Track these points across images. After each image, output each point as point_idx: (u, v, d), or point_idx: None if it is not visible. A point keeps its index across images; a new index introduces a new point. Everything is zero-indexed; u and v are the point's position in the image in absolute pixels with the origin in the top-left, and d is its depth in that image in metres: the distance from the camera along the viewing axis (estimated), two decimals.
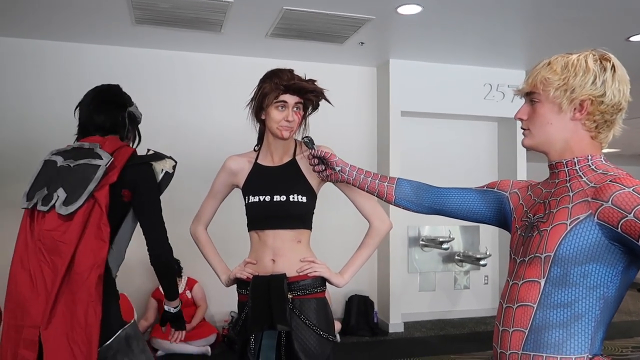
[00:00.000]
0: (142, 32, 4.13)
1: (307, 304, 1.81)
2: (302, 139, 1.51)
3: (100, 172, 1.67)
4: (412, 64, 4.99)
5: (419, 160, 5.21)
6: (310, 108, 1.91)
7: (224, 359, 3.89)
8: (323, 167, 1.50)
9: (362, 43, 4.46)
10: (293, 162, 1.87)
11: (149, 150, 1.89)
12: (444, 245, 5.23)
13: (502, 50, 4.60)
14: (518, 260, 1.20)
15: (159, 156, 1.87)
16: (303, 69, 2.11)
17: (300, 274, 1.82)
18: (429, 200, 1.46)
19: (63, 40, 4.25)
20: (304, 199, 1.81)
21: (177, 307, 1.93)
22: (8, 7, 3.65)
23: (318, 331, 1.79)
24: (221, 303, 4.58)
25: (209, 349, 4.17)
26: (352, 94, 5.15)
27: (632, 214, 0.99)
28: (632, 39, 4.25)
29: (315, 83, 1.88)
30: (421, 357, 4.12)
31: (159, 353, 4.11)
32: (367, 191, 1.50)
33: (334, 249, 2.86)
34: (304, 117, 1.90)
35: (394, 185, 1.49)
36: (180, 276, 4.35)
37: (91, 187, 1.65)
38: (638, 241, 0.99)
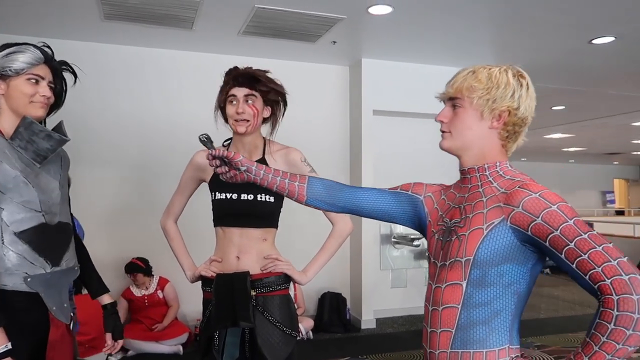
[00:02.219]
0: (111, 27, 4.06)
1: (271, 300, 1.83)
2: (199, 137, 1.40)
3: None
4: (384, 63, 5.05)
5: (392, 159, 5.28)
6: (279, 105, 1.92)
7: (195, 358, 3.86)
8: (227, 169, 1.39)
9: (334, 42, 4.49)
10: (262, 161, 1.89)
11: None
12: (415, 242, 5.32)
13: (471, 49, 4.70)
14: (439, 264, 1.26)
15: None
16: (276, 67, 2.13)
17: (264, 271, 1.84)
18: (343, 200, 1.45)
19: (31, 35, 4.14)
20: (272, 199, 1.85)
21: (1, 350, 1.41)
22: None
23: (281, 327, 1.81)
24: (193, 302, 4.51)
25: (180, 348, 4.14)
26: (324, 92, 5.18)
27: (540, 218, 1.09)
28: (594, 41, 4.41)
29: (269, 74, 1.88)
30: (393, 353, 4.18)
31: (130, 353, 4.06)
32: (276, 190, 1.43)
33: (299, 247, 2.89)
34: (274, 115, 1.91)
35: (305, 185, 1.43)
36: (151, 275, 4.31)
37: None
38: (546, 241, 1.09)
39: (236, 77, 1.84)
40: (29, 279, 1.47)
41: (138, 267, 4.20)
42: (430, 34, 4.31)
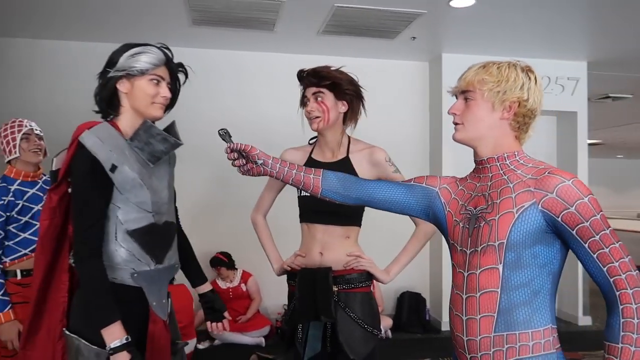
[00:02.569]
0: (198, 32, 4.28)
1: (353, 297, 1.86)
2: (218, 131, 1.45)
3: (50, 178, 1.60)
4: (466, 57, 4.85)
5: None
6: (355, 98, 1.92)
7: (277, 350, 3.99)
8: (244, 162, 1.43)
9: (414, 38, 4.41)
10: (346, 159, 1.92)
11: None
12: None
13: (561, 41, 4.43)
14: (468, 252, 1.28)
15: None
16: (354, 65, 2.14)
17: (347, 268, 1.87)
18: (357, 192, 1.47)
19: (124, 42, 4.46)
20: None
21: (113, 346, 1.41)
22: (76, 12, 3.89)
23: (363, 324, 1.83)
24: (275, 296, 4.68)
25: (262, 340, 4.29)
26: (404, 89, 5.12)
27: (573, 208, 1.15)
28: None
29: (335, 69, 1.90)
30: None
31: (216, 342, 4.27)
32: (291, 184, 1.48)
33: (381, 246, 2.87)
34: (352, 109, 1.92)
35: (320, 177, 1.47)
36: (235, 269, 4.50)
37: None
38: (573, 230, 1.16)
39: (303, 79, 1.91)
40: (135, 275, 1.53)
41: (221, 261, 4.42)
42: (514, 26, 4.11)
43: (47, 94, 4.53)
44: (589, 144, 5.29)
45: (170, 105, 1.67)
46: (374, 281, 1.96)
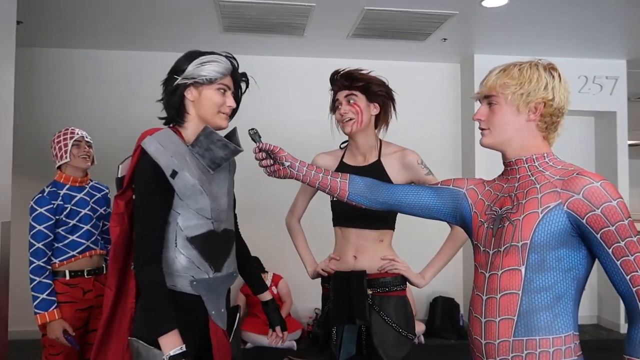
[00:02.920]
0: (229, 39, 4.35)
1: (387, 301, 1.85)
2: (248, 131, 1.45)
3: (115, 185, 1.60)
4: (499, 58, 4.71)
5: None
6: (386, 100, 1.91)
7: (308, 354, 3.99)
8: (271, 162, 1.43)
9: (444, 39, 4.37)
10: (378, 163, 1.91)
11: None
12: None
13: (599, 39, 4.30)
14: (491, 252, 1.26)
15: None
16: (384, 68, 2.13)
17: (381, 271, 1.85)
18: (384, 196, 1.45)
19: (159, 50, 4.57)
20: None
21: (176, 351, 1.39)
22: (115, 23, 4.01)
23: (397, 328, 1.82)
24: (306, 299, 4.69)
25: (294, 343, 4.30)
26: (435, 91, 5.07)
27: (599, 210, 1.12)
28: None
29: (365, 72, 1.90)
30: None
31: (248, 345, 4.30)
32: (318, 187, 1.46)
33: (415, 250, 2.85)
34: (384, 112, 1.92)
35: (347, 181, 1.47)
36: (265, 272, 4.53)
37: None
38: (597, 233, 1.12)
39: (335, 81, 1.91)
40: (194, 282, 1.50)
41: None
42: (549, 25, 4.01)
43: (86, 101, 4.69)
44: (630, 145, 5.11)
45: (231, 114, 1.65)
46: (408, 285, 1.94)
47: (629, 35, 4.28)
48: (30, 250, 2.31)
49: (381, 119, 1.95)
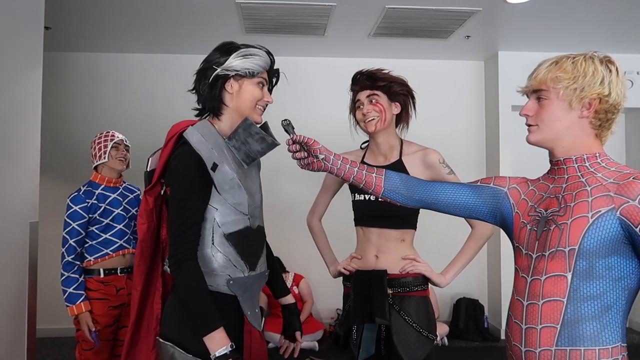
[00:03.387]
0: (251, 40, 4.34)
1: (407, 300, 1.84)
2: (281, 122, 1.40)
3: (144, 180, 1.56)
4: (523, 55, 4.70)
5: (533, 158, 4.89)
6: (407, 99, 1.92)
7: (330, 355, 3.98)
8: (305, 154, 1.38)
9: (468, 37, 4.30)
10: (399, 162, 1.90)
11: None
12: None
13: (629, 32, 4.17)
14: (534, 256, 1.20)
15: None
16: (407, 67, 2.11)
17: (402, 272, 1.85)
18: (420, 194, 1.39)
19: (180, 52, 4.63)
20: None
21: (218, 354, 1.33)
22: (132, 27, 4.08)
23: (418, 328, 1.81)
24: (327, 300, 4.68)
25: (316, 344, 4.29)
26: (458, 89, 5.00)
27: None
28: None
29: (387, 72, 1.91)
30: None
31: (270, 345, 4.31)
32: (352, 182, 1.41)
33: (437, 250, 2.81)
34: (405, 111, 1.93)
35: (383, 177, 1.40)
36: (286, 272, 4.55)
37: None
38: None
39: (357, 82, 1.91)
40: (231, 282, 1.44)
41: None
42: (576, 18, 3.90)
43: (112, 103, 4.78)
44: None
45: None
46: (430, 286, 1.92)
47: None
48: (64, 247, 2.41)
49: (402, 118, 1.95)
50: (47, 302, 4.32)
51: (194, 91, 1.56)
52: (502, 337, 4.65)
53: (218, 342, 1.33)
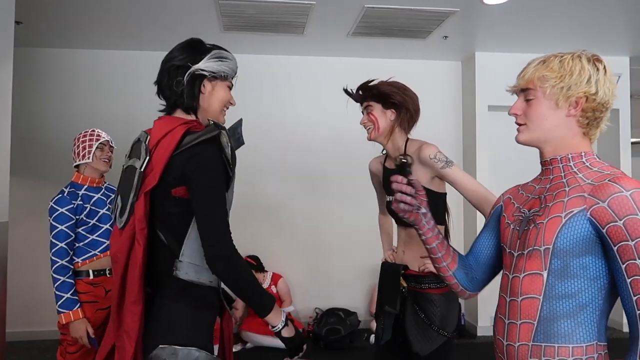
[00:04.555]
0: (229, 38, 4.32)
1: (422, 296, 1.96)
2: (400, 160, 1.34)
3: (136, 180, 1.45)
4: (500, 56, 4.77)
5: (509, 158, 4.97)
6: (400, 104, 1.99)
7: (309, 354, 3.97)
8: (409, 199, 1.30)
9: (446, 37, 4.34)
10: (402, 163, 1.99)
11: (210, 121, 1.56)
12: None
13: (601, 35, 4.27)
14: (515, 254, 1.23)
15: (215, 127, 1.49)
16: (385, 67, 2.12)
17: (419, 271, 1.97)
18: (472, 271, 1.41)
19: (157, 50, 4.54)
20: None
21: (282, 324, 1.48)
22: (106, 22, 3.99)
23: (428, 322, 1.92)
24: (306, 299, 4.68)
25: None
26: (436, 89, 5.04)
27: (621, 222, 1.05)
28: None
29: (377, 80, 2.02)
30: None
31: (248, 345, 4.29)
32: (429, 248, 1.39)
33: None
34: (405, 114, 1.99)
35: (456, 264, 1.40)
36: (265, 271, 4.52)
37: (131, 198, 1.45)
38: (615, 246, 1.06)
39: (354, 96, 2.05)
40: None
41: (250, 265, 4.44)
42: (551, 21, 3.98)
43: (86, 101, 4.67)
44: (632, 143, 5.08)
45: None
46: None
47: (633, 32, 4.25)
48: (53, 250, 2.34)
49: (407, 121, 2.02)
50: (17, 305, 4.21)
51: (168, 87, 1.52)
52: (479, 333, 4.71)
53: (279, 315, 1.48)
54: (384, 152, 2.13)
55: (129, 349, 1.40)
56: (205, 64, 1.49)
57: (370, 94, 1.99)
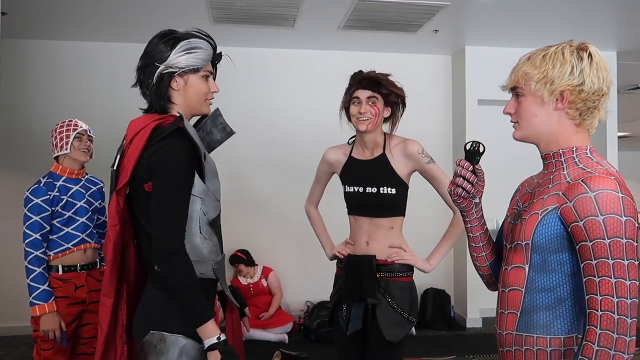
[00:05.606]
0: (219, 30, 4.28)
1: (393, 285, 1.99)
2: (472, 144, 1.27)
3: (111, 178, 1.50)
4: (490, 50, 4.79)
5: (499, 151, 5.00)
6: (399, 106, 2.07)
7: (300, 347, 3.98)
8: (470, 186, 1.29)
9: (436, 31, 4.34)
10: (382, 156, 2.05)
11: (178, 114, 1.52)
12: None
13: (589, 30, 4.29)
14: (508, 246, 1.26)
15: (180, 119, 1.45)
16: (375, 60, 2.12)
17: (389, 261, 1.99)
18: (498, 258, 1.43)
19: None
20: (394, 191, 2.01)
21: (209, 343, 1.38)
22: (93, 14, 3.94)
23: (399, 310, 1.97)
24: (296, 292, 4.68)
25: (286, 336, 4.29)
26: (426, 83, 5.05)
27: (582, 222, 1.07)
28: None
29: (389, 77, 2.04)
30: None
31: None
32: (472, 237, 1.41)
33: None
34: (394, 115, 2.07)
35: (494, 255, 1.42)
36: (255, 265, 4.53)
37: (108, 197, 1.51)
38: (577, 245, 1.09)
39: (360, 81, 2.01)
40: (215, 267, 1.49)
41: (240, 259, 4.46)
42: (540, 16, 4.00)
43: (72, 94, 4.61)
44: (619, 137, 5.14)
45: None
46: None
47: (619, 27, 4.29)
48: (27, 241, 2.27)
49: (391, 120, 2.10)
50: (3, 299, 4.16)
51: (137, 86, 1.55)
52: (469, 325, 4.76)
53: (212, 332, 1.37)
54: (351, 141, 2.15)
55: (99, 339, 1.47)
56: (173, 60, 1.47)
57: (382, 88, 2.00)
